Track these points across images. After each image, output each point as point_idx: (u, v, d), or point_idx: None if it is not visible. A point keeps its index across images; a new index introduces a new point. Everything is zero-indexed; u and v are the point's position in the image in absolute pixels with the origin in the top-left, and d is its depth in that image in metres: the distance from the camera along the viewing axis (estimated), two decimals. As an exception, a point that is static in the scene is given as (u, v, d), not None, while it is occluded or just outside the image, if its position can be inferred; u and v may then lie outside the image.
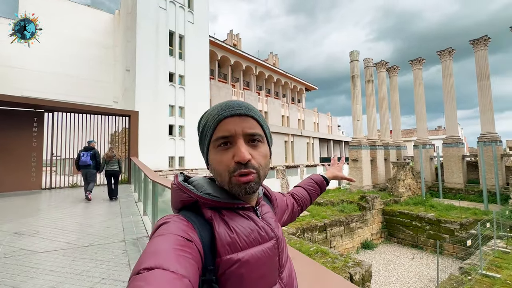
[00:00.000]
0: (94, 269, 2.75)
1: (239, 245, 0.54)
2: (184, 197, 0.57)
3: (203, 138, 0.61)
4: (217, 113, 0.59)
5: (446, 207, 15.45)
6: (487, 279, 7.49)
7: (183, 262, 0.42)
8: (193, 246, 0.47)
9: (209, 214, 0.55)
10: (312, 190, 1.06)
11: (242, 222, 0.57)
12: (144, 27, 16.03)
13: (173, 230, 0.48)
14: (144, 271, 0.38)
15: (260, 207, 0.66)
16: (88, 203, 6.18)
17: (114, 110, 9.39)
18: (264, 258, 0.56)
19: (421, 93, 23.11)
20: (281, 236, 0.64)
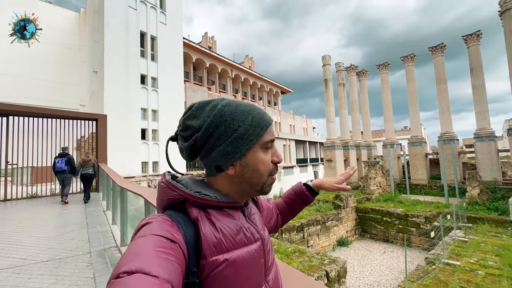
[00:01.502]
0: (53, 286, 2.53)
1: (224, 246, 0.53)
2: (173, 195, 0.56)
3: (245, 137, 0.58)
4: (264, 115, 0.61)
5: (413, 202, 16.51)
6: (449, 267, 8.10)
7: (166, 265, 0.40)
8: (177, 248, 0.45)
9: (195, 213, 0.54)
10: (289, 202, 0.98)
11: (228, 223, 0.56)
12: (112, 27, 15.30)
13: (156, 230, 0.46)
14: (124, 275, 0.36)
15: (248, 208, 0.66)
16: (49, 215, 5.70)
17: (80, 114, 8.80)
18: (250, 259, 0.55)
19: (388, 96, 24.58)
20: (267, 238, 0.64)
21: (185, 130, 0.60)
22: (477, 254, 9.01)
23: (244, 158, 0.59)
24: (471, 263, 8.26)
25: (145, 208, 2.43)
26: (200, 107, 0.60)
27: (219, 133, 0.57)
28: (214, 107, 0.59)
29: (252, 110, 0.60)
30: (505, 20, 14.61)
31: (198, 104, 0.61)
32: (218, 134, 0.57)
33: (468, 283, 7.08)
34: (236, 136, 0.57)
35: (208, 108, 0.60)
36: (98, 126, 8.53)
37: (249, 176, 0.59)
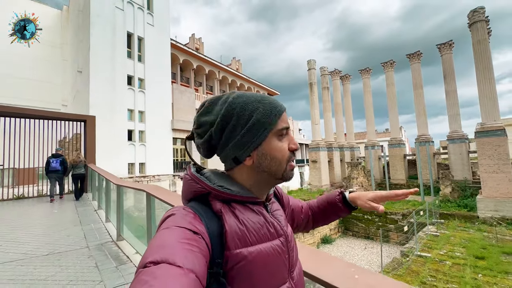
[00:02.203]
0: (60, 274, 2.76)
1: (248, 240, 0.53)
2: (197, 188, 0.57)
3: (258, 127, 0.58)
4: (275, 103, 0.61)
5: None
6: (421, 259, 8.82)
7: (190, 256, 0.41)
8: (200, 239, 0.47)
9: (218, 206, 0.55)
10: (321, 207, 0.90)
11: (252, 217, 0.57)
12: (99, 26, 15.17)
13: (180, 222, 0.48)
14: (151, 264, 0.38)
15: (271, 204, 0.66)
16: (40, 214, 5.78)
17: (68, 115, 8.79)
18: (274, 255, 0.55)
19: (369, 100, 25.73)
20: (290, 235, 0.64)
21: (200, 127, 0.61)
22: (446, 246, 9.83)
23: (261, 147, 0.59)
24: (440, 255, 9.03)
25: (146, 202, 2.73)
26: (212, 103, 0.61)
27: (232, 125, 0.58)
28: (225, 100, 0.60)
29: (263, 99, 0.61)
30: (473, 31, 15.87)
31: (210, 100, 0.62)
32: (232, 126, 0.58)
33: (437, 272, 7.78)
34: (249, 126, 0.58)
35: (220, 102, 0.60)
36: (87, 128, 8.57)
37: (267, 165, 0.59)
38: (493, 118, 14.42)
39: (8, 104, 12.83)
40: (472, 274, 7.52)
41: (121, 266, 2.99)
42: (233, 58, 36.85)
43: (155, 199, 2.53)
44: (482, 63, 15.34)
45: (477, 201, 13.52)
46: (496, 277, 7.31)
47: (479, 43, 15.52)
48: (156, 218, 2.75)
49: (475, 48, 15.71)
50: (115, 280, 2.63)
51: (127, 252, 3.44)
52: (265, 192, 0.64)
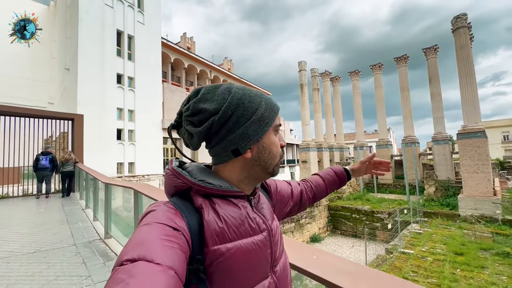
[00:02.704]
0: (47, 270, 2.81)
1: (228, 236, 0.53)
2: (178, 183, 0.56)
3: (261, 121, 0.59)
4: (274, 102, 0.63)
5: (379, 200, 17.93)
6: (404, 255, 9.15)
7: (169, 252, 0.41)
8: (180, 236, 0.46)
9: (200, 202, 0.54)
10: (328, 179, 1.02)
11: (232, 212, 0.56)
12: (87, 23, 14.94)
13: (160, 218, 0.47)
14: (128, 262, 0.37)
15: (256, 197, 0.66)
16: (26, 214, 5.72)
17: (55, 113, 8.66)
18: (255, 250, 0.55)
19: (359, 101, 26.26)
20: (274, 229, 0.63)
21: (197, 114, 0.58)
22: (428, 243, 10.23)
23: (262, 140, 0.60)
24: (422, 251, 9.40)
25: (134, 200, 2.80)
26: (210, 91, 0.59)
27: (238, 116, 0.57)
28: (228, 89, 0.59)
29: (263, 95, 0.62)
30: (456, 37, 16.50)
31: (206, 87, 0.60)
32: (237, 116, 0.57)
33: (418, 268, 8.12)
34: (254, 118, 0.58)
35: (220, 91, 0.59)
36: (75, 126, 8.47)
37: (264, 159, 0.60)
38: (474, 121, 15.03)
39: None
40: (451, 269, 7.88)
41: (109, 262, 3.06)
42: (225, 58, 36.86)
43: (143, 196, 2.62)
44: (464, 68, 15.97)
45: (459, 200, 14.07)
46: (473, 271, 7.69)
47: (461, 48, 16.14)
48: (144, 215, 2.83)
49: (458, 53, 16.33)
50: (102, 275, 2.69)
51: (114, 249, 3.50)
52: (252, 187, 0.64)
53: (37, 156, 7.40)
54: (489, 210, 12.92)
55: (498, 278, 7.28)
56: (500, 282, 7.01)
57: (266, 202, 0.69)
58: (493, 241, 10.13)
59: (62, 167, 7.53)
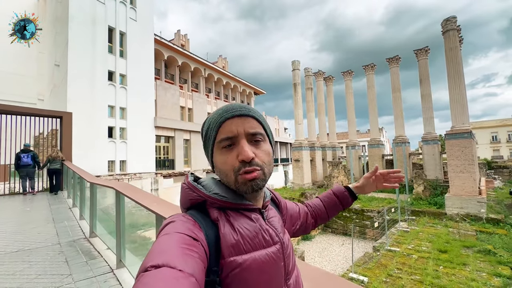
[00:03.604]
0: (28, 269, 2.83)
1: (243, 248, 0.54)
2: (193, 196, 0.58)
3: (207, 142, 0.63)
4: (218, 116, 0.61)
5: (369, 198, 18.23)
6: (390, 253, 9.38)
7: (190, 260, 0.43)
8: (199, 246, 0.48)
9: (215, 214, 0.56)
10: (327, 201, 0.96)
11: (246, 224, 0.57)
12: (78, 19, 14.71)
13: (180, 229, 0.49)
14: (152, 268, 0.39)
15: (267, 210, 0.66)
16: (12, 212, 5.68)
17: (43, 111, 8.55)
18: (269, 262, 0.55)
19: (351, 101, 26.55)
20: (287, 242, 0.63)
21: None
22: (414, 241, 10.49)
23: (213, 160, 0.63)
24: (408, 249, 9.65)
25: (115, 199, 2.85)
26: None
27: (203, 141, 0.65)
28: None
29: (215, 113, 0.63)
30: (445, 39, 16.82)
31: None
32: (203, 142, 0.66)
33: (403, 265, 8.33)
34: (203, 142, 0.64)
35: None
36: (63, 124, 8.39)
37: (220, 177, 0.62)
38: (462, 121, 15.39)
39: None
40: (434, 266, 8.13)
41: (91, 261, 3.10)
42: (219, 56, 36.71)
43: (125, 197, 2.66)
44: (453, 69, 16.30)
45: (446, 199, 14.43)
46: (455, 268, 7.94)
47: (451, 50, 16.47)
48: (126, 215, 2.87)
49: (447, 55, 16.65)
50: (83, 274, 2.73)
51: (98, 248, 3.53)
52: (256, 201, 0.64)
53: (17, 154, 7.51)
54: (474, 209, 13.30)
55: (478, 274, 7.55)
56: (480, 279, 7.27)
57: (277, 215, 0.69)
58: (476, 239, 10.45)
59: (49, 165, 7.63)
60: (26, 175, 7.54)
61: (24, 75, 20.99)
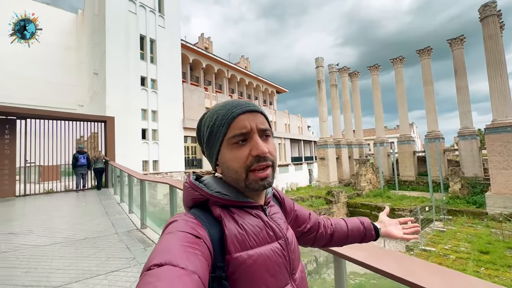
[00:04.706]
0: (99, 253, 3.31)
1: (248, 243, 0.54)
2: (196, 195, 0.59)
3: (212, 138, 0.61)
4: (228, 111, 0.60)
5: (400, 197, 17.55)
6: (425, 253, 9.06)
7: (192, 258, 0.43)
8: (202, 243, 0.48)
9: (218, 212, 0.56)
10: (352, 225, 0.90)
11: (251, 220, 0.58)
12: (113, 30, 15.89)
13: (182, 227, 0.50)
14: (155, 267, 0.40)
15: (269, 207, 0.67)
16: (71, 206, 6.44)
17: (90, 116, 9.49)
18: (274, 257, 0.56)
19: (378, 96, 25.61)
20: (290, 238, 0.64)
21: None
22: (451, 241, 10.00)
23: (220, 157, 0.61)
24: (445, 249, 9.24)
25: (170, 193, 3.22)
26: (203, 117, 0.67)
27: (201, 138, 0.65)
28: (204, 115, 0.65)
29: (222, 108, 0.61)
30: (484, 26, 15.64)
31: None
32: (200, 138, 0.65)
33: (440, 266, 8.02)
34: (206, 139, 0.62)
35: None
36: (107, 127, 9.23)
37: (228, 175, 0.61)
38: (504, 114, 14.25)
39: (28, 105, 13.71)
40: (475, 267, 7.73)
41: (148, 248, 3.52)
42: (241, 56, 37.23)
43: (177, 190, 3.02)
44: (493, 58, 15.13)
45: (486, 198, 13.49)
46: (498, 270, 7.50)
47: (490, 38, 15.29)
48: (178, 208, 3.24)
49: (486, 43, 15.49)
50: (144, 258, 3.14)
51: (151, 237, 3.97)
52: (258, 197, 0.64)
53: (75, 155, 8.48)
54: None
55: (525, 277, 7.07)
56: (527, 282, 6.82)
57: (280, 212, 0.70)
58: (523, 240, 9.71)
59: (94, 165, 8.66)
60: (81, 174, 8.51)
61: (66, 84, 23.04)
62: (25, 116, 7.80)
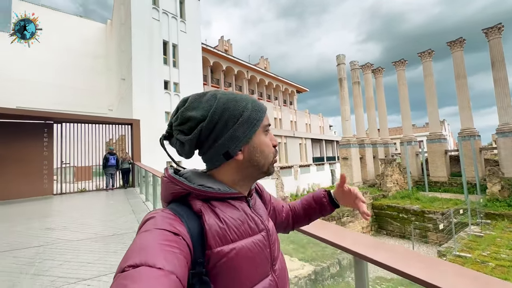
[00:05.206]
0: (126, 249, 3.42)
1: (229, 237, 0.54)
2: (176, 189, 0.57)
3: (249, 123, 0.61)
4: (261, 104, 0.65)
5: (430, 199, 16.51)
6: (460, 259, 8.41)
7: (170, 257, 0.42)
8: (180, 240, 0.47)
9: (198, 206, 0.55)
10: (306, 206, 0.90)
11: (232, 214, 0.58)
12: (138, 37, 16.68)
13: (160, 225, 0.48)
14: (130, 268, 0.38)
15: (253, 199, 0.68)
16: (101, 204, 6.85)
17: (117, 119, 10.06)
18: (255, 249, 0.57)
19: (405, 93, 24.33)
20: (271, 229, 0.65)
21: (185, 122, 0.60)
22: (490, 248, 9.19)
23: (251, 141, 0.61)
24: (483, 256, 8.51)
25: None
26: (196, 99, 0.61)
27: (225, 120, 0.59)
28: (213, 96, 0.61)
29: (248, 97, 0.64)
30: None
31: (192, 96, 0.62)
32: (224, 120, 0.59)
33: (477, 273, 7.40)
34: (242, 120, 0.60)
35: (206, 99, 0.61)
36: (133, 130, 9.70)
37: (257, 159, 0.62)
38: (551, 108, 12.86)
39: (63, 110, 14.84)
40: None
41: (171, 245, 3.62)
42: (261, 57, 37.32)
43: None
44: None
45: (532, 201, 12.24)
46: (547, 281, 6.75)
47: (533, 24, 13.87)
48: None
49: (529, 30, 14.07)
50: (167, 255, 3.23)
51: (174, 235, 4.08)
52: (248, 188, 0.66)
53: (106, 156, 9.08)
54: None
55: None
56: None
57: (262, 204, 0.72)
58: None
59: (121, 165, 9.25)
60: (110, 174, 9.05)
61: (96, 90, 24.65)
62: (60, 120, 8.43)
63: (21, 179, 7.51)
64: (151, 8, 17.60)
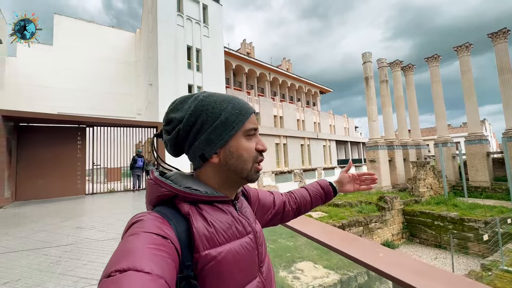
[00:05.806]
0: (146, 251, 3.47)
1: (217, 240, 0.54)
2: (162, 192, 0.56)
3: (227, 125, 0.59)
4: (245, 105, 0.63)
5: (470, 205, 15.07)
6: (508, 275, 7.48)
7: (159, 261, 0.41)
8: (169, 244, 0.46)
9: (186, 209, 0.54)
10: (314, 192, 0.99)
11: (220, 217, 0.57)
12: (164, 44, 17.35)
13: (147, 228, 0.47)
14: (116, 273, 0.37)
15: (239, 202, 0.67)
16: (128, 204, 7.10)
17: (143, 123, 10.46)
18: (243, 252, 0.57)
19: (439, 91, 22.66)
20: (259, 231, 0.66)
21: (169, 123, 0.61)
22: (546, 263, 8.09)
23: (227, 145, 0.60)
24: (537, 272, 7.50)
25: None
26: (182, 101, 0.62)
27: (201, 122, 0.58)
28: (195, 98, 0.61)
29: (233, 99, 0.62)
30: None
31: (180, 98, 0.63)
32: (201, 122, 0.58)
33: (531, 292, 6.52)
34: (218, 123, 0.59)
35: (190, 100, 0.61)
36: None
37: (233, 164, 0.60)
38: None
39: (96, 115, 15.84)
40: None
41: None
42: (283, 58, 37.06)
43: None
44: None
45: None
46: None
47: None
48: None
49: None
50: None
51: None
52: (234, 192, 0.65)
53: (134, 158, 9.45)
54: None
55: None
56: None
57: (249, 206, 0.72)
58: None
59: (146, 167, 9.58)
60: (137, 175, 9.41)
61: (126, 95, 26.10)
62: (92, 124, 8.94)
63: (58, 180, 8.06)
64: (176, 15, 18.24)
